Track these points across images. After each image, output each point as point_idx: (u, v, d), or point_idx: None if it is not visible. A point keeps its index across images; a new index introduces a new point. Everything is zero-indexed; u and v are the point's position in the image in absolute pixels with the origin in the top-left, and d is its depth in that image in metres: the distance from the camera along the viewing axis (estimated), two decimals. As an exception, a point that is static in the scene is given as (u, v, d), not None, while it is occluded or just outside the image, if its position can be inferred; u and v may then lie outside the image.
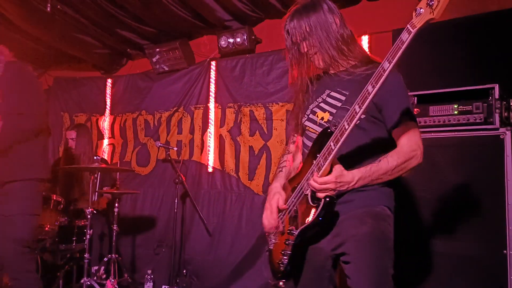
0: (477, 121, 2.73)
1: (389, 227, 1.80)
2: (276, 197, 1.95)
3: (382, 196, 1.81)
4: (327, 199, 1.69)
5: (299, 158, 2.10)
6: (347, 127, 1.61)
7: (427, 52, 3.40)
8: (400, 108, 1.76)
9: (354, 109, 1.59)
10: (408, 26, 1.44)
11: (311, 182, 1.70)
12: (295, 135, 2.13)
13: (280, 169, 2.10)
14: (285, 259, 1.85)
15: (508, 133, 2.63)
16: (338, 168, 1.67)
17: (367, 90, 1.55)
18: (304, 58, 1.91)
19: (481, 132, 2.71)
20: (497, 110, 2.68)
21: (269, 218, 1.95)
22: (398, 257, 1.81)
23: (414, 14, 1.41)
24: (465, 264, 2.64)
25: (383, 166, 1.71)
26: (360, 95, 1.58)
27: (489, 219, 2.61)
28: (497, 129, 2.66)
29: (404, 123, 1.76)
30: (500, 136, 2.64)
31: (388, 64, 1.49)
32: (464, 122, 2.77)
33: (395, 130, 1.78)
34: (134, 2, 4.30)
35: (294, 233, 1.81)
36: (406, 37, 1.45)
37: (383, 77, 1.50)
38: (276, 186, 2.01)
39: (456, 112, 2.80)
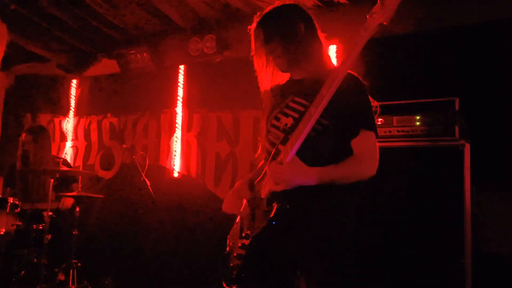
0: (438, 132, 2.81)
1: (349, 235, 1.80)
2: (242, 187, 1.96)
3: (342, 203, 1.81)
4: (279, 204, 1.69)
5: None
6: (302, 129, 1.62)
7: (392, 63, 3.48)
8: (360, 118, 1.78)
9: (310, 111, 1.62)
10: (361, 30, 1.47)
11: (269, 166, 1.71)
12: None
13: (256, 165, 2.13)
14: (239, 263, 1.83)
15: (467, 145, 2.71)
16: (298, 161, 1.68)
17: (322, 93, 1.58)
18: (268, 61, 1.93)
19: (441, 143, 2.79)
20: (457, 122, 2.76)
21: (228, 203, 1.96)
22: (357, 266, 1.83)
23: (367, 18, 1.45)
24: (423, 273, 2.69)
25: (341, 170, 1.72)
26: (316, 98, 1.61)
27: (447, 229, 2.67)
28: (456, 140, 2.75)
29: (363, 133, 1.77)
30: (459, 148, 2.72)
31: (342, 67, 1.52)
32: (425, 133, 2.84)
33: (354, 140, 1.78)
34: (102, 3, 4.23)
35: (249, 237, 1.80)
36: (359, 41, 1.47)
37: (337, 80, 1.54)
38: (246, 179, 2.02)
39: (418, 123, 2.87)
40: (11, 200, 3.70)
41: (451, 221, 2.68)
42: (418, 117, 2.87)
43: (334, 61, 2.00)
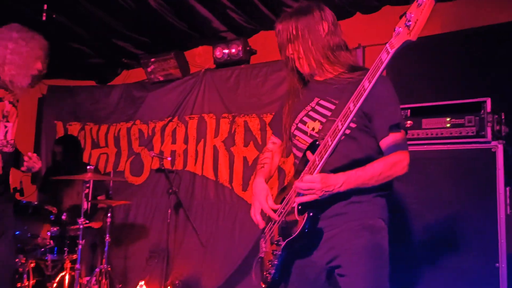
0: (469, 134, 2.75)
1: (384, 239, 1.79)
2: (264, 193, 1.95)
3: (376, 208, 1.81)
4: (311, 213, 1.69)
5: (277, 158, 2.14)
6: (330, 143, 1.62)
7: (420, 65, 3.44)
8: (388, 118, 1.77)
9: (337, 125, 1.60)
10: (387, 46, 1.44)
11: (298, 183, 1.68)
12: (276, 137, 2.14)
13: (262, 165, 2.11)
14: (272, 269, 1.86)
15: (500, 146, 2.65)
16: (324, 173, 1.67)
17: (349, 107, 1.56)
18: (289, 61, 1.91)
19: (473, 145, 2.73)
20: (489, 124, 2.70)
21: (259, 213, 1.94)
22: (390, 270, 1.81)
23: (393, 33, 1.41)
24: (457, 277, 2.64)
25: (368, 171, 1.70)
26: (342, 112, 1.59)
27: (481, 232, 2.62)
28: (488, 142, 2.68)
29: (392, 133, 1.76)
30: (492, 149, 2.66)
31: (368, 83, 1.50)
32: (456, 135, 2.79)
33: (383, 140, 1.78)
34: (129, 12, 4.31)
35: (281, 244, 1.81)
36: (385, 57, 1.45)
37: (363, 96, 1.52)
38: (261, 181, 2.01)
39: (448, 125, 2.82)
40: (46, 207, 3.81)
41: (485, 224, 2.62)
42: (448, 119, 2.82)
43: (358, 62, 1.96)
